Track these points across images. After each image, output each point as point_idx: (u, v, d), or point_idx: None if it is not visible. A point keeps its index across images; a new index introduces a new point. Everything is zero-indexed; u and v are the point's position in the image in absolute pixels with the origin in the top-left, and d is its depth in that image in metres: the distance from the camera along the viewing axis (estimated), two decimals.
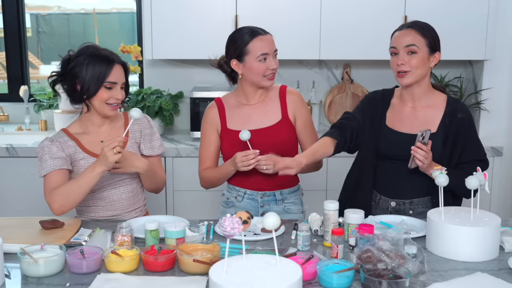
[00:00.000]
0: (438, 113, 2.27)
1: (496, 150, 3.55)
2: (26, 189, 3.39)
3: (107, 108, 2.20)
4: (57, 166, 2.17)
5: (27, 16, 4.28)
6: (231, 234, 1.40)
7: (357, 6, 3.56)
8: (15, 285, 1.65)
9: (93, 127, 2.29)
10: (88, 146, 2.25)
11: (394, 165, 2.25)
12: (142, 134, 2.36)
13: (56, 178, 2.16)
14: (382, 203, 2.32)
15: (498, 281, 1.65)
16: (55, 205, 2.12)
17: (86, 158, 2.23)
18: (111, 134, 2.26)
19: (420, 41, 2.19)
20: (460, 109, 2.27)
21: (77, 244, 1.92)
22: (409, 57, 2.18)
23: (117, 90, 2.19)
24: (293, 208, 2.48)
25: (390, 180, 2.29)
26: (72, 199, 2.11)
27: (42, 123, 3.90)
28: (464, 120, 2.25)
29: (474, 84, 3.92)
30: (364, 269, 1.58)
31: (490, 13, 3.59)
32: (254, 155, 2.21)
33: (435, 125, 2.25)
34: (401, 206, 2.29)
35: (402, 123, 2.29)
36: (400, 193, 2.29)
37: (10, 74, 4.14)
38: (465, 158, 2.24)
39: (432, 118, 2.26)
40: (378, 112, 2.34)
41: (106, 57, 2.17)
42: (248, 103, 2.44)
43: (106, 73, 2.15)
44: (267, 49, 2.31)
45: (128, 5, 4.57)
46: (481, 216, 1.91)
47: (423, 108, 2.28)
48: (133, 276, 1.69)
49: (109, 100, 2.18)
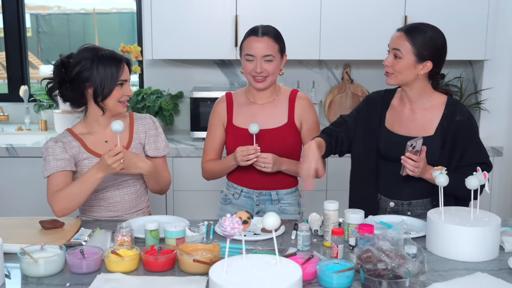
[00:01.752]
0: (436, 115, 2.24)
1: (496, 150, 3.55)
2: (26, 189, 3.39)
3: (120, 106, 2.24)
4: (60, 167, 2.17)
5: (27, 16, 4.28)
6: (231, 234, 1.40)
7: (357, 6, 3.56)
8: (15, 285, 1.65)
9: (98, 127, 2.28)
10: (92, 146, 2.25)
11: (393, 166, 2.24)
12: (147, 135, 2.35)
13: (59, 180, 2.16)
14: (382, 203, 2.32)
15: (498, 281, 1.65)
16: (56, 207, 2.13)
17: (90, 158, 2.23)
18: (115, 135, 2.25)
19: (407, 48, 2.16)
20: (459, 112, 2.23)
21: (77, 244, 1.92)
22: (394, 60, 2.19)
23: (127, 87, 2.24)
24: (289, 209, 2.48)
25: (390, 181, 2.29)
26: (73, 202, 2.13)
27: (42, 123, 3.90)
28: (463, 123, 2.21)
29: (474, 84, 3.92)
30: (364, 269, 1.58)
31: (490, 13, 3.59)
32: (254, 151, 2.25)
33: (432, 128, 2.23)
34: (400, 207, 2.29)
35: (401, 125, 2.28)
36: (399, 194, 2.29)
37: (10, 74, 4.15)
38: (465, 161, 2.20)
39: (429, 120, 2.25)
40: (376, 112, 2.34)
41: (114, 57, 2.20)
42: (256, 102, 2.45)
43: (118, 73, 2.18)
44: (254, 52, 2.31)
45: (128, 5, 4.57)
46: (481, 216, 1.91)
47: (421, 110, 2.27)
48: (133, 276, 1.69)
49: (121, 98, 2.22)
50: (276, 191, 2.46)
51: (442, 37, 2.24)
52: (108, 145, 2.24)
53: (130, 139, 2.32)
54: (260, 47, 2.30)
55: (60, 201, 2.12)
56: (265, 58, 2.31)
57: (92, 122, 2.28)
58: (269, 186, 2.45)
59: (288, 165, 2.38)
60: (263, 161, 2.27)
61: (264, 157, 2.27)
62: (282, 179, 2.44)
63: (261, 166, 2.28)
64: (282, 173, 2.41)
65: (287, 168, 2.38)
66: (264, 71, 2.32)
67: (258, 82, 2.35)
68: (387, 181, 2.30)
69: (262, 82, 2.35)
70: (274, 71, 2.35)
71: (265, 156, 2.28)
